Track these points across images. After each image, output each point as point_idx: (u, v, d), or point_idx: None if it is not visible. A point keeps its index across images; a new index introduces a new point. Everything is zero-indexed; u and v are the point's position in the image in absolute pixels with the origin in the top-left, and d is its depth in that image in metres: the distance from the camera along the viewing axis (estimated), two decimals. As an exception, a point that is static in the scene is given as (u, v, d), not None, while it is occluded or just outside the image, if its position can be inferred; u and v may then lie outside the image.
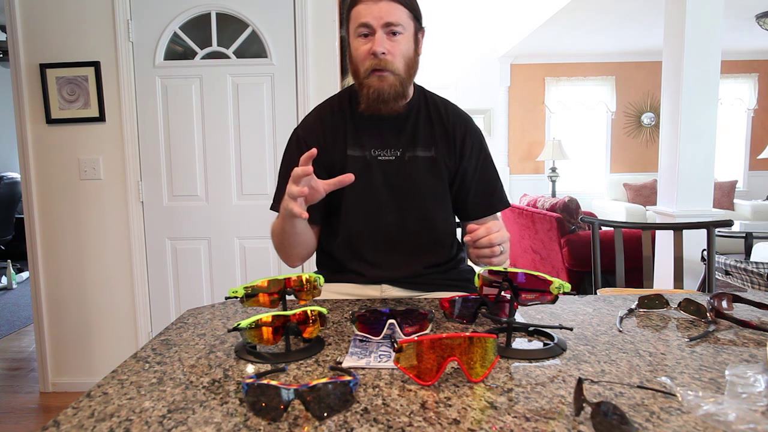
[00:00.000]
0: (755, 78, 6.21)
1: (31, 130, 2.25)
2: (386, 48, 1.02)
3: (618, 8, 4.34)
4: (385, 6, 1.01)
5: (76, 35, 2.21)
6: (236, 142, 2.28)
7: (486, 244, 0.89)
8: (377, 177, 1.11)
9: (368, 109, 1.07)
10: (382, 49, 1.01)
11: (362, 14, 1.02)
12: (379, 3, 1.01)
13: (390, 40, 1.03)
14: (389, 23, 1.01)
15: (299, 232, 1.06)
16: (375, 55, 1.02)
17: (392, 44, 1.03)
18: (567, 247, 3.31)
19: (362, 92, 1.06)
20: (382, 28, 1.01)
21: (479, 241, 0.89)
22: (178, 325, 0.86)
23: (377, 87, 1.03)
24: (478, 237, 0.89)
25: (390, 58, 1.03)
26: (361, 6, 1.03)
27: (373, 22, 1.01)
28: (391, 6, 1.01)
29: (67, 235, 2.30)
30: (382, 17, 1.01)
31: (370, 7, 1.01)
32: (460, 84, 6.04)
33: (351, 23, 1.05)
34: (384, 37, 1.02)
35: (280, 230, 1.06)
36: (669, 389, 0.58)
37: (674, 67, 2.59)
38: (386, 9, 1.01)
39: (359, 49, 1.04)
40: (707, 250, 1.62)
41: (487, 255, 0.90)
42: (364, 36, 1.03)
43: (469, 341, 0.61)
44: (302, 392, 0.53)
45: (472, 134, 1.16)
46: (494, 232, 0.89)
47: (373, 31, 1.02)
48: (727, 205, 5.60)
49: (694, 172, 2.58)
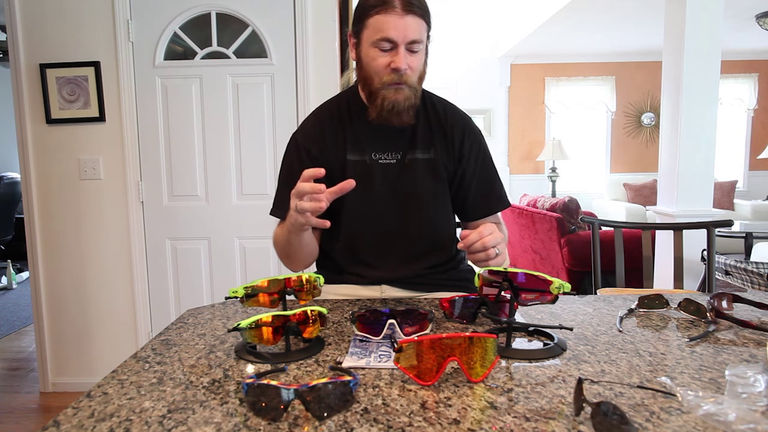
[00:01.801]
0: (755, 78, 6.21)
1: (31, 130, 2.25)
2: (408, 64, 1.01)
3: (618, 8, 4.34)
4: (411, 22, 0.98)
5: (76, 35, 2.21)
6: (236, 142, 2.28)
7: (480, 248, 0.89)
8: (378, 180, 1.11)
9: (379, 119, 1.05)
10: (405, 66, 1.00)
11: (388, 28, 0.98)
12: (405, 17, 0.97)
13: (410, 56, 1.01)
14: (413, 41, 0.99)
15: (306, 243, 1.07)
16: (396, 71, 1.00)
17: (411, 59, 1.01)
18: (567, 247, 3.31)
19: (375, 102, 1.05)
20: (405, 44, 0.99)
21: (473, 246, 0.89)
22: (178, 325, 0.86)
23: (393, 99, 1.02)
24: (470, 243, 0.89)
25: (409, 73, 1.02)
26: (385, 18, 0.98)
27: (399, 38, 0.98)
28: (415, 22, 0.98)
29: (67, 235, 2.30)
30: (407, 35, 0.98)
31: (397, 21, 0.97)
32: (460, 84, 6.04)
33: (369, 31, 1.01)
34: (406, 53, 1.00)
35: (286, 242, 1.06)
36: (669, 389, 0.58)
37: (674, 67, 2.59)
38: (411, 26, 0.98)
39: (377, 60, 1.02)
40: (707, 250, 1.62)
41: (483, 259, 0.90)
42: (385, 50, 1.01)
43: (469, 341, 0.61)
44: (302, 392, 0.53)
45: (471, 134, 1.16)
46: (486, 236, 0.89)
47: (396, 46, 0.99)
48: (727, 205, 5.60)
49: (694, 172, 2.58)
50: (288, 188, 1.15)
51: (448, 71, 5.99)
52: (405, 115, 1.05)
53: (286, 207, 1.13)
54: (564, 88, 6.20)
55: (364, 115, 1.09)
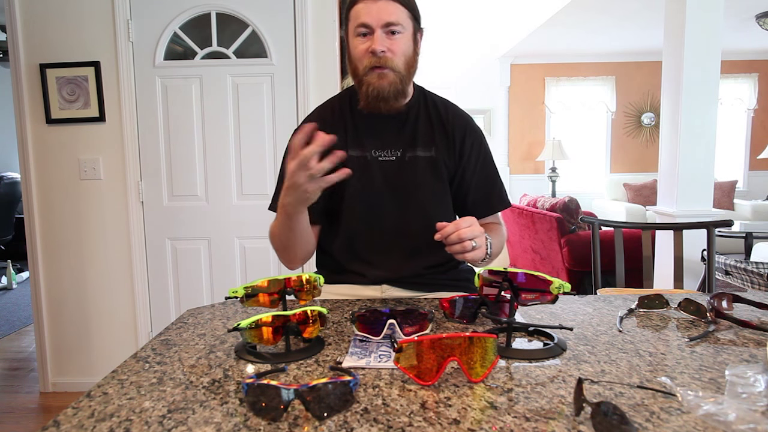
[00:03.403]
0: (755, 78, 6.21)
1: (31, 130, 2.25)
2: (386, 46, 1.02)
3: (618, 8, 4.34)
4: (384, 5, 1.01)
5: (76, 35, 2.21)
6: (236, 142, 2.28)
7: (455, 240, 0.87)
8: (378, 177, 1.11)
9: (367, 107, 1.06)
10: (382, 47, 1.01)
11: (361, 14, 1.02)
12: (378, 2, 1.00)
13: (389, 38, 1.02)
14: (389, 23, 1.01)
15: (302, 230, 1.05)
16: (374, 53, 1.01)
17: (392, 42, 1.03)
18: (567, 247, 3.31)
19: (361, 90, 1.06)
20: (381, 27, 1.01)
21: (449, 238, 0.88)
22: (178, 325, 0.86)
23: (377, 85, 1.03)
24: (446, 234, 0.88)
25: (390, 56, 1.02)
26: (360, 5, 1.02)
27: (372, 22, 1.01)
28: (390, 5, 1.01)
29: (67, 235, 2.30)
30: (381, 17, 1.01)
31: (369, 6, 1.01)
32: (460, 84, 6.04)
33: (350, 23, 1.05)
34: (383, 36, 1.02)
35: (280, 231, 1.06)
36: (669, 389, 0.58)
37: (674, 67, 2.59)
38: (385, 8, 1.01)
39: (358, 47, 1.04)
40: (707, 250, 1.62)
41: (459, 251, 0.88)
42: (363, 35, 1.03)
43: (469, 341, 0.61)
44: (302, 392, 0.53)
45: (472, 134, 1.16)
46: (464, 228, 0.87)
47: (372, 31, 1.02)
48: (727, 205, 5.60)
49: (694, 172, 2.58)
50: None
51: (448, 71, 5.99)
52: (392, 100, 1.05)
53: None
54: (564, 88, 6.20)
55: (364, 112, 1.09)
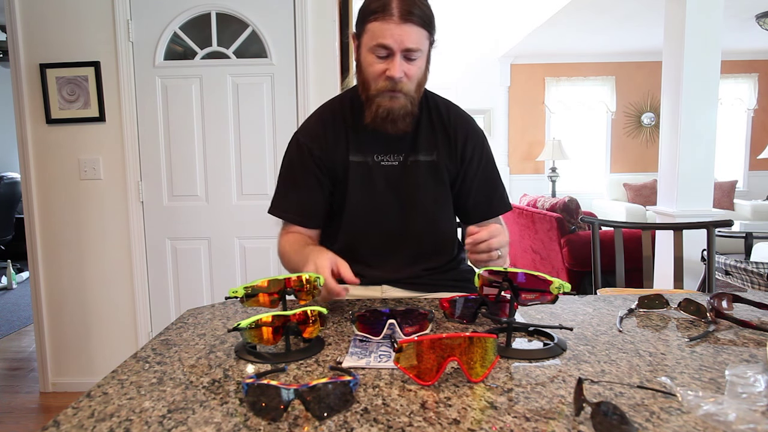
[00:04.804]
0: (755, 78, 6.21)
1: (31, 130, 2.25)
2: (403, 71, 1.00)
3: (618, 8, 4.34)
4: (409, 30, 0.96)
5: (76, 35, 2.21)
6: (236, 142, 2.28)
7: (485, 249, 0.89)
8: (380, 182, 1.11)
9: (374, 125, 1.05)
10: (400, 74, 0.99)
11: (384, 35, 0.97)
12: (402, 26, 0.96)
13: (407, 63, 1.00)
14: (409, 49, 0.98)
15: None
16: (391, 79, 1.00)
17: (408, 67, 1.00)
18: (567, 247, 3.31)
19: (370, 108, 1.04)
20: (401, 52, 0.98)
21: (478, 246, 0.89)
22: (178, 325, 0.86)
23: (388, 107, 1.02)
24: (478, 241, 0.89)
25: (405, 81, 1.01)
26: (383, 25, 0.97)
27: (394, 45, 0.97)
28: (414, 31, 0.97)
29: (67, 235, 2.30)
30: (403, 42, 0.97)
31: (393, 29, 0.96)
32: (460, 84, 6.04)
33: (368, 36, 1.00)
34: (402, 61, 0.99)
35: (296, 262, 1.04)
36: (669, 389, 0.58)
37: (674, 67, 2.59)
38: (409, 34, 0.96)
39: (374, 66, 1.01)
40: (707, 250, 1.62)
41: (485, 259, 0.91)
42: (381, 57, 1.00)
43: (469, 341, 0.61)
44: (302, 392, 0.53)
45: (474, 136, 1.15)
46: (495, 237, 0.89)
47: (391, 54, 0.99)
48: (727, 205, 5.60)
49: (694, 172, 2.58)
50: (287, 188, 1.15)
51: (448, 71, 5.99)
52: (400, 122, 1.04)
53: (285, 207, 1.14)
54: (564, 88, 6.20)
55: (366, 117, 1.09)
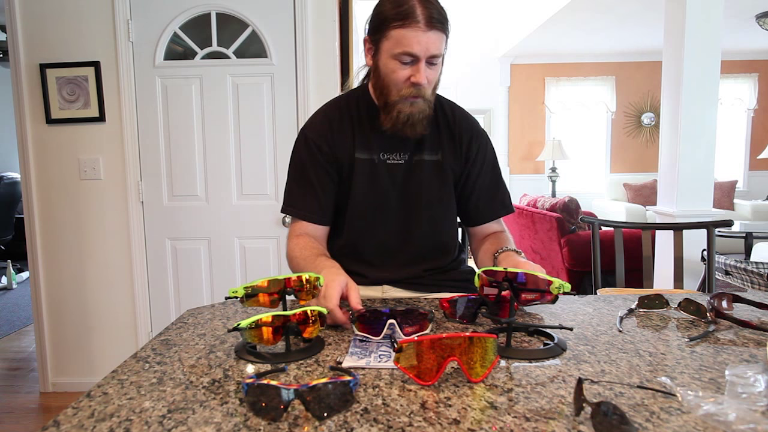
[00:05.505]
0: (755, 78, 6.21)
1: (31, 130, 2.25)
2: (427, 77, 1.01)
3: (618, 8, 4.34)
4: (433, 37, 0.98)
5: (76, 35, 2.21)
6: (236, 142, 2.28)
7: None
8: (385, 180, 1.11)
9: (393, 130, 1.06)
10: (426, 81, 1.01)
11: (411, 43, 0.97)
12: (428, 33, 0.97)
13: (429, 69, 1.02)
14: (433, 55, 1.00)
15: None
16: (416, 85, 1.01)
17: (430, 72, 1.02)
18: (567, 247, 3.31)
19: (390, 114, 1.05)
20: (426, 58, 0.99)
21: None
22: (178, 325, 0.86)
23: (408, 112, 1.03)
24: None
25: (426, 86, 1.02)
26: (409, 33, 0.97)
27: (421, 53, 0.98)
28: (438, 37, 0.98)
29: (67, 235, 2.30)
30: (429, 49, 0.98)
31: (419, 36, 0.97)
32: (460, 84, 6.04)
33: (390, 43, 1.00)
34: (425, 67, 1.01)
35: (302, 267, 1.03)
36: (669, 389, 0.58)
37: (674, 67, 2.59)
38: (434, 41, 0.98)
39: (397, 72, 1.01)
40: (707, 250, 1.62)
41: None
42: (405, 62, 1.00)
43: (469, 341, 0.61)
44: (302, 392, 0.53)
45: (479, 138, 1.16)
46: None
47: (416, 61, 0.99)
48: (727, 205, 5.60)
49: (694, 172, 2.58)
50: (299, 186, 1.14)
51: (448, 71, 5.95)
52: (419, 126, 1.06)
53: (298, 205, 1.13)
54: (564, 88, 6.20)
55: (374, 116, 1.09)
